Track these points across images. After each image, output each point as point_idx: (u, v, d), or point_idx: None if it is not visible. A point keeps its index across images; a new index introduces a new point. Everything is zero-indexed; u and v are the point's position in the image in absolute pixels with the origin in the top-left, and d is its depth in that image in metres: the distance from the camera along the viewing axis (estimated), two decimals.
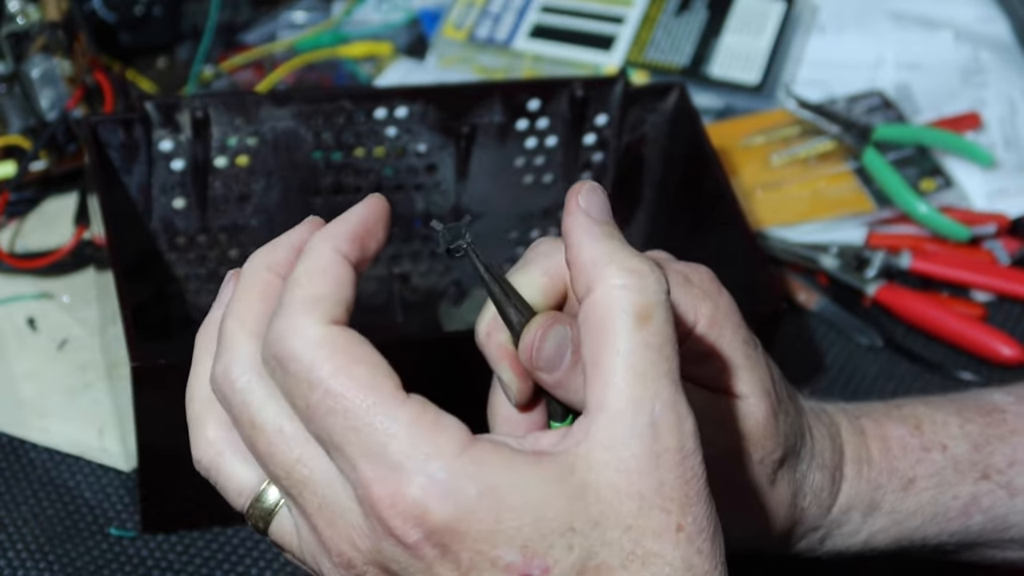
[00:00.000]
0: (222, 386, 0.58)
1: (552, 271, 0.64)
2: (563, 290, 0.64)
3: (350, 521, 0.56)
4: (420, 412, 0.55)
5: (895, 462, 0.75)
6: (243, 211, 0.96)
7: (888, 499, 0.74)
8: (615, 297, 0.56)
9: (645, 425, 0.55)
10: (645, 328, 0.56)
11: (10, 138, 1.05)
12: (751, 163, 1.14)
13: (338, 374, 0.55)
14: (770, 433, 0.68)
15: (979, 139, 1.17)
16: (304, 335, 0.55)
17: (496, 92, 0.96)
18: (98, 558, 0.89)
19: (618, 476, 0.55)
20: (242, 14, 1.22)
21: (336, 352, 0.55)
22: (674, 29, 1.23)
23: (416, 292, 1.02)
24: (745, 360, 0.67)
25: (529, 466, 0.55)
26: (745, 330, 0.68)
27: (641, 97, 0.98)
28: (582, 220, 0.59)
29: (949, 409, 0.77)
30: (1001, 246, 1.10)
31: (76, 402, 0.97)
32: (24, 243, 1.06)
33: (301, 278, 0.56)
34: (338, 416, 0.54)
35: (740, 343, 0.67)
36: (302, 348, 0.55)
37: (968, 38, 1.25)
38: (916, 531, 0.76)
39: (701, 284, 0.67)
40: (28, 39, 1.07)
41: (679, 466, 0.55)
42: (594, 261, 0.57)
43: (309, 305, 0.56)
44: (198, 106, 0.91)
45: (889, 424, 0.76)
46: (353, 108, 0.94)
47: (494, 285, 0.62)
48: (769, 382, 0.68)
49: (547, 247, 0.64)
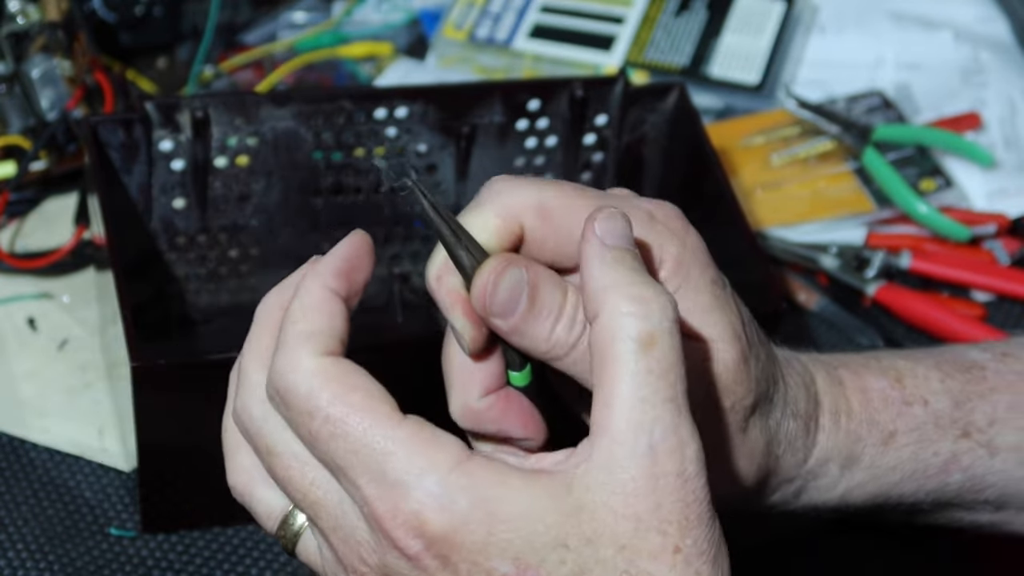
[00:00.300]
0: (242, 418, 0.61)
1: (506, 212, 0.62)
2: (518, 232, 0.62)
3: (359, 538, 0.58)
4: (416, 431, 0.57)
5: (875, 415, 0.73)
6: (243, 211, 0.96)
7: (868, 452, 0.73)
8: (620, 324, 0.56)
9: (644, 448, 0.55)
10: (649, 354, 0.56)
11: (10, 138, 1.05)
12: (751, 163, 1.14)
13: (335, 401, 0.57)
14: (741, 378, 0.66)
15: (979, 139, 1.17)
16: (301, 368, 0.58)
17: (496, 92, 0.96)
18: (98, 558, 0.89)
19: (615, 498, 0.56)
20: (242, 14, 1.22)
21: (331, 381, 0.58)
22: (674, 29, 1.23)
23: (416, 292, 1.02)
24: (713, 300, 0.65)
25: (522, 481, 0.56)
26: (713, 270, 0.66)
27: (641, 97, 0.98)
28: (595, 247, 0.58)
29: (929, 363, 0.75)
30: (1001, 246, 1.10)
31: (76, 402, 0.97)
32: (24, 243, 1.06)
33: (295, 315, 0.59)
34: (339, 440, 0.57)
35: (708, 283, 0.65)
36: (300, 380, 0.58)
37: (968, 38, 1.25)
38: (894, 487, 0.74)
39: (667, 222, 0.65)
40: (28, 39, 1.07)
41: (679, 490, 0.56)
42: (603, 288, 0.57)
43: (304, 340, 0.59)
44: (198, 106, 0.91)
45: (869, 376, 0.74)
46: (353, 108, 0.94)
47: (443, 226, 0.60)
48: (739, 324, 0.66)
49: (501, 185, 0.63)
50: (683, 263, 0.64)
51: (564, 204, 0.62)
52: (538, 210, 0.62)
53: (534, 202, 0.62)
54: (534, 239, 0.62)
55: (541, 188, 0.63)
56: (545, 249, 0.63)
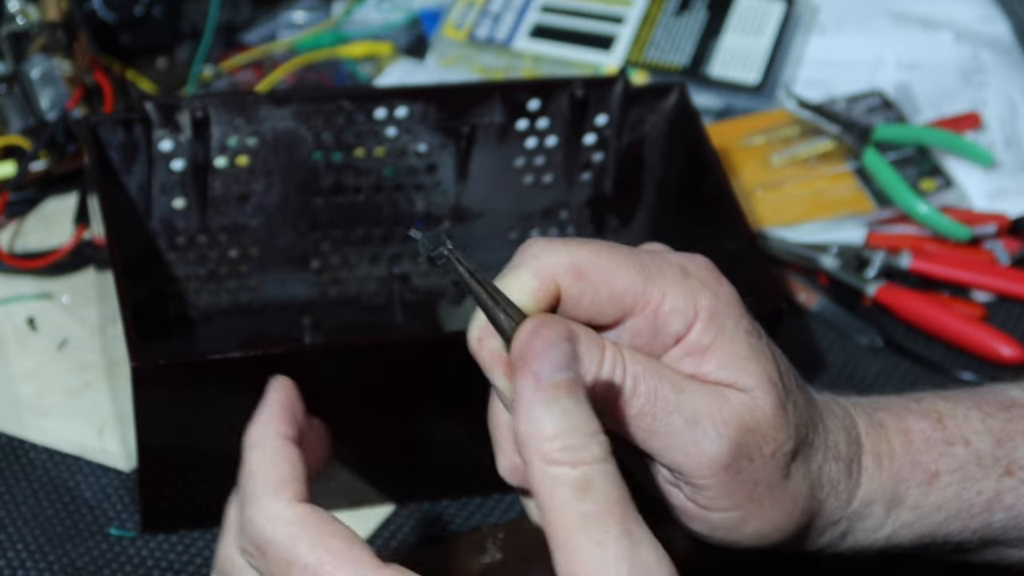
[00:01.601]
0: (223, 566, 0.62)
1: (542, 273, 0.63)
2: (555, 292, 0.64)
3: None
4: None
5: (918, 455, 0.74)
6: (243, 211, 0.96)
7: (912, 493, 0.74)
8: (552, 474, 0.56)
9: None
10: (587, 498, 0.56)
11: (10, 138, 1.05)
12: (751, 163, 1.14)
13: (315, 548, 0.57)
14: (779, 424, 0.67)
15: (979, 139, 1.17)
16: (277, 517, 0.58)
17: (496, 92, 0.96)
18: (98, 558, 0.89)
19: None
20: (242, 14, 1.22)
21: (308, 528, 0.58)
22: (674, 29, 1.23)
23: (416, 292, 1.02)
24: (749, 350, 0.66)
25: None
26: (748, 320, 0.67)
27: (641, 97, 0.98)
28: (528, 390, 0.57)
29: (969, 403, 0.76)
30: (1001, 246, 1.10)
31: (76, 402, 0.97)
32: (24, 243, 1.06)
33: (256, 466, 0.60)
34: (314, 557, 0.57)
35: (743, 334, 0.66)
36: (276, 530, 0.58)
37: (968, 38, 1.25)
38: (939, 527, 0.75)
39: (699, 275, 0.66)
40: (28, 39, 1.07)
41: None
42: (530, 436, 0.56)
43: (273, 489, 0.59)
44: (198, 106, 0.91)
45: (910, 417, 0.75)
46: (353, 108, 0.94)
47: (480, 290, 0.61)
48: (775, 372, 0.67)
49: (536, 248, 0.64)
50: (717, 315, 0.66)
51: (598, 263, 0.64)
52: (573, 270, 0.64)
53: (569, 262, 0.64)
54: (570, 298, 0.64)
55: (575, 249, 0.64)
56: (581, 308, 0.64)
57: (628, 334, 0.65)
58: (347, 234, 0.99)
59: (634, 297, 0.65)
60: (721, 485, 0.66)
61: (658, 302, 0.65)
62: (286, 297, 1.00)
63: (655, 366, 0.65)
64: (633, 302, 0.65)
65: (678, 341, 0.66)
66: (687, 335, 0.66)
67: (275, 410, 0.62)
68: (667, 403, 0.64)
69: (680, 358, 0.66)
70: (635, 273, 0.65)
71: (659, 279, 0.65)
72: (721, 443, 0.65)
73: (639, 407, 0.64)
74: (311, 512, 0.58)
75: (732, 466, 0.65)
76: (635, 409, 0.64)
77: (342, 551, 0.57)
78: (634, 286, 0.65)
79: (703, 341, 0.66)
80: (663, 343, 0.66)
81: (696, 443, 0.65)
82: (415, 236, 0.61)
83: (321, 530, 0.58)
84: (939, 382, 1.02)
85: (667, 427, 0.64)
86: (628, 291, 0.65)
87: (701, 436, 0.65)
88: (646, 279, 0.65)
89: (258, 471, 0.60)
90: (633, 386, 0.64)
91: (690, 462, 0.65)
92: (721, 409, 0.65)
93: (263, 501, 0.59)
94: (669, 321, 0.65)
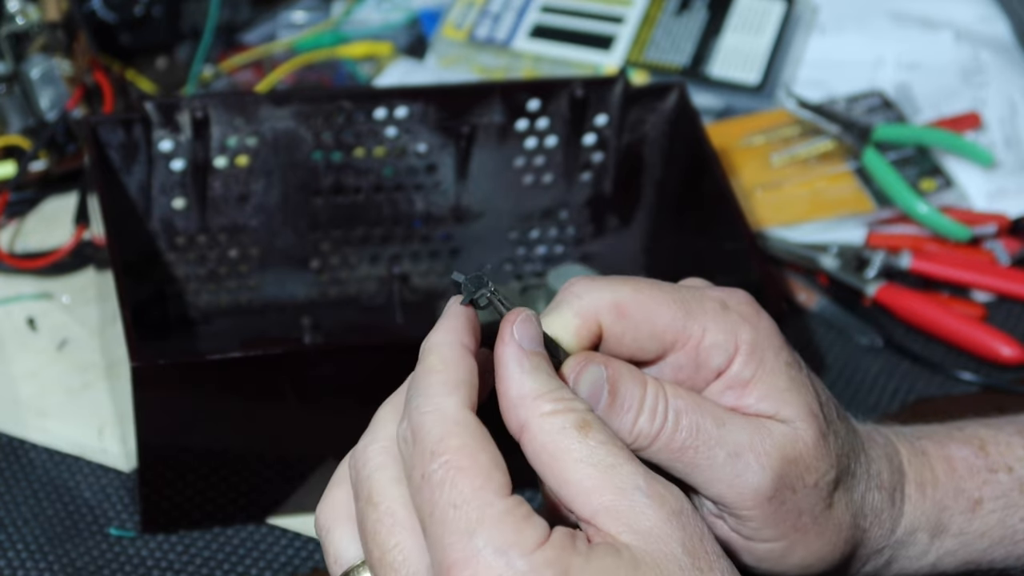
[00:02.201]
0: (357, 461, 0.62)
1: (584, 312, 0.65)
2: (596, 330, 0.65)
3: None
4: (514, 506, 0.57)
5: (961, 483, 0.74)
6: (243, 211, 0.96)
7: (956, 520, 0.74)
8: (552, 422, 0.59)
9: (642, 500, 0.58)
10: (589, 434, 0.58)
11: (10, 138, 1.05)
12: (751, 163, 1.14)
13: (463, 451, 0.57)
14: (821, 454, 0.68)
15: (979, 139, 1.17)
16: (445, 413, 0.58)
17: (496, 92, 0.96)
18: (98, 558, 0.89)
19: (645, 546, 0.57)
20: (242, 14, 1.22)
21: (466, 434, 0.58)
22: (674, 29, 1.23)
23: (416, 292, 1.02)
24: (789, 382, 0.67)
25: (599, 556, 0.57)
26: (787, 352, 0.68)
27: (641, 97, 0.98)
28: (513, 352, 0.60)
29: (1011, 430, 0.77)
30: (1001, 246, 1.10)
31: (76, 402, 0.97)
32: (24, 243, 1.06)
33: (436, 365, 0.60)
34: (446, 488, 0.57)
35: (783, 366, 0.68)
36: (437, 422, 0.58)
37: (968, 38, 1.25)
38: (984, 553, 0.76)
39: (739, 308, 0.67)
40: (28, 39, 1.07)
41: (691, 523, 0.58)
42: (522, 396, 0.59)
43: (451, 387, 0.59)
44: (198, 106, 0.91)
45: (952, 445, 0.75)
46: (353, 108, 0.94)
47: None
48: (816, 403, 0.68)
49: (579, 288, 0.66)
50: (757, 348, 0.67)
51: (639, 301, 0.65)
52: (615, 308, 0.65)
53: (611, 301, 0.65)
54: (612, 335, 0.65)
55: (617, 287, 0.66)
56: (623, 345, 0.66)
57: (670, 369, 0.67)
58: (347, 234, 0.99)
59: (675, 333, 0.66)
60: (765, 516, 0.67)
61: (699, 337, 0.66)
62: (286, 297, 1.00)
63: (697, 400, 0.66)
64: (674, 338, 0.66)
65: (719, 375, 0.67)
66: (728, 369, 0.67)
67: (458, 323, 0.61)
68: (709, 437, 0.65)
69: (722, 391, 0.67)
70: (676, 309, 0.66)
71: (699, 315, 0.66)
72: (764, 475, 0.66)
73: (681, 441, 0.65)
74: (479, 426, 0.58)
75: (776, 497, 0.66)
76: (678, 443, 0.65)
77: (484, 466, 0.57)
78: (675, 323, 0.66)
79: (744, 374, 0.67)
80: (705, 377, 0.67)
81: (739, 475, 0.66)
82: (458, 279, 0.62)
83: (479, 442, 0.58)
84: (939, 382, 1.02)
85: (710, 460, 0.65)
86: (669, 328, 0.66)
87: (744, 468, 0.66)
88: (687, 315, 0.66)
89: (436, 369, 0.60)
90: (675, 421, 0.65)
91: (733, 494, 0.66)
92: (763, 441, 0.66)
93: (438, 396, 0.59)
94: (710, 356, 0.66)
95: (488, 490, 0.57)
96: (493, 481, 0.57)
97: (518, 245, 1.02)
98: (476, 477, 0.57)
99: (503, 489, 0.57)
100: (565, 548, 0.56)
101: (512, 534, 0.56)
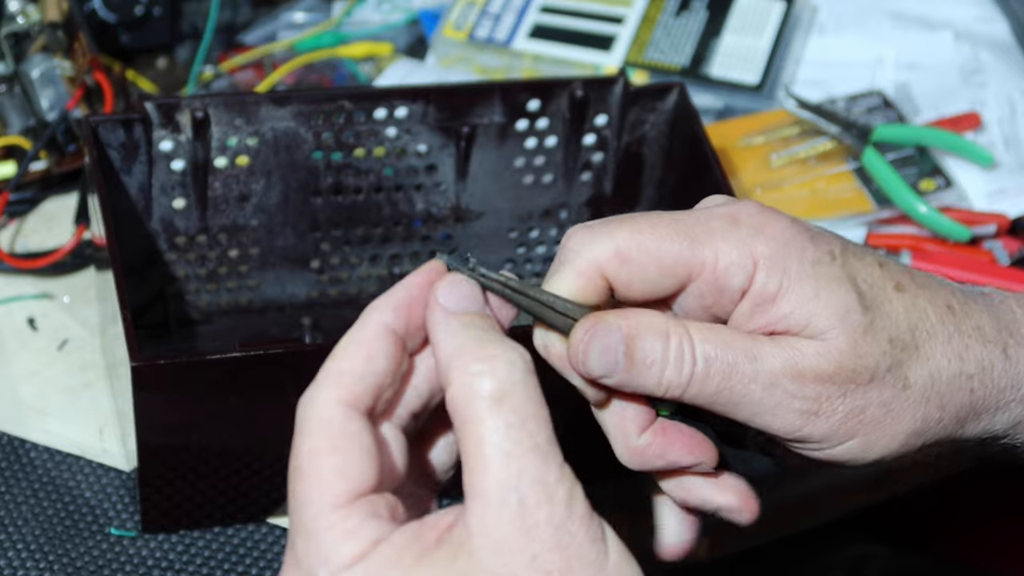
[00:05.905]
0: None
1: (585, 269, 0.63)
2: (603, 283, 0.63)
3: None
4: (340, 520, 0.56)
5: None
6: (243, 211, 0.96)
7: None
8: (470, 386, 0.57)
9: (513, 504, 0.55)
10: (502, 409, 0.56)
11: (10, 138, 1.05)
12: (751, 163, 1.14)
13: (311, 456, 0.57)
14: (864, 352, 0.64)
15: (979, 139, 1.17)
16: (312, 406, 0.58)
17: (496, 92, 0.96)
18: (98, 558, 0.89)
19: (493, 558, 0.55)
20: (242, 14, 1.22)
21: (323, 436, 0.57)
22: (674, 29, 1.23)
23: None
24: (816, 283, 0.64)
25: (426, 566, 0.56)
26: (813, 248, 0.65)
27: (641, 97, 0.98)
28: (438, 316, 0.59)
29: None
30: (1001, 246, 1.10)
31: (76, 402, 0.97)
32: (24, 243, 1.06)
33: (339, 347, 0.60)
34: (292, 490, 0.57)
35: (808, 268, 0.64)
36: (303, 420, 0.58)
37: (968, 38, 1.25)
38: None
39: (749, 221, 0.64)
40: (28, 39, 1.07)
41: (552, 537, 0.55)
42: (449, 355, 0.58)
43: (332, 377, 0.59)
44: (198, 106, 0.91)
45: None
46: (353, 108, 0.94)
47: (521, 298, 0.62)
48: (852, 297, 0.65)
49: (576, 243, 0.64)
50: (777, 258, 0.64)
51: (640, 242, 0.63)
52: (616, 256, 0.63)
53: (610, 249, 0.63)
54: (621, 283, 0.63)
55: (614, 232, 0.63)
56: (634, 289, 0.64)
57: (693, 299, 0.64)
58: (347, 234, 0.99)
59: (686, 265, 0.63)
60: (822, 433, 0.65)
61: (713, 262, 0.64)
62: (286, 297, 1.00)
63: (725, 338, 0.64)
64: (687, 270, 0.64)
65: (744, 294, 0.64)
66: (752, 286, 0.64)
67: (397, 293, 0.61)
68: (743, 375, 0.63)
69: (751, 312, 0.64)
70: (680, 241, 0.63)
71: (707, 239, 0.64)
72: (803, 401, 0.64)
73: (716, 385, 0.63)
74: (342, 419, 0.57)
75: (823, 411, 0.64)
76: (712, 388, 0.63)
77: (322, 475, 0.56)
78: (683, 255, 0.63)
79: (769, 288, 0.64)
80: (731, 299, 0.64)
81: (779, 404, 0.64)
82: (441, 259, 0.61)
83: (328, 443, 0.57)
84: None
85: (746, 397, 0.63)
86: (678, 261, 0.63)
87: (782, 397, 0.64)
88: (693, 243, 0.63)
89: (335, 353, 0.59)
90: (706, 367, 0.63)
91: (778, 423, 0.64)
92: (796, 364, 0.64)
93: (316, 387, 0.58)
94: (729, 277, 0.64)
95: (317, 502, 0.56)
96: (330, 491, 0.56)
97: (518, 245, 1.02)
98: (312, 486, 0.56)
99: (340, 497, 0.56)
100: (385, 564, 0.55)
101: (328, 547, 0.56)
